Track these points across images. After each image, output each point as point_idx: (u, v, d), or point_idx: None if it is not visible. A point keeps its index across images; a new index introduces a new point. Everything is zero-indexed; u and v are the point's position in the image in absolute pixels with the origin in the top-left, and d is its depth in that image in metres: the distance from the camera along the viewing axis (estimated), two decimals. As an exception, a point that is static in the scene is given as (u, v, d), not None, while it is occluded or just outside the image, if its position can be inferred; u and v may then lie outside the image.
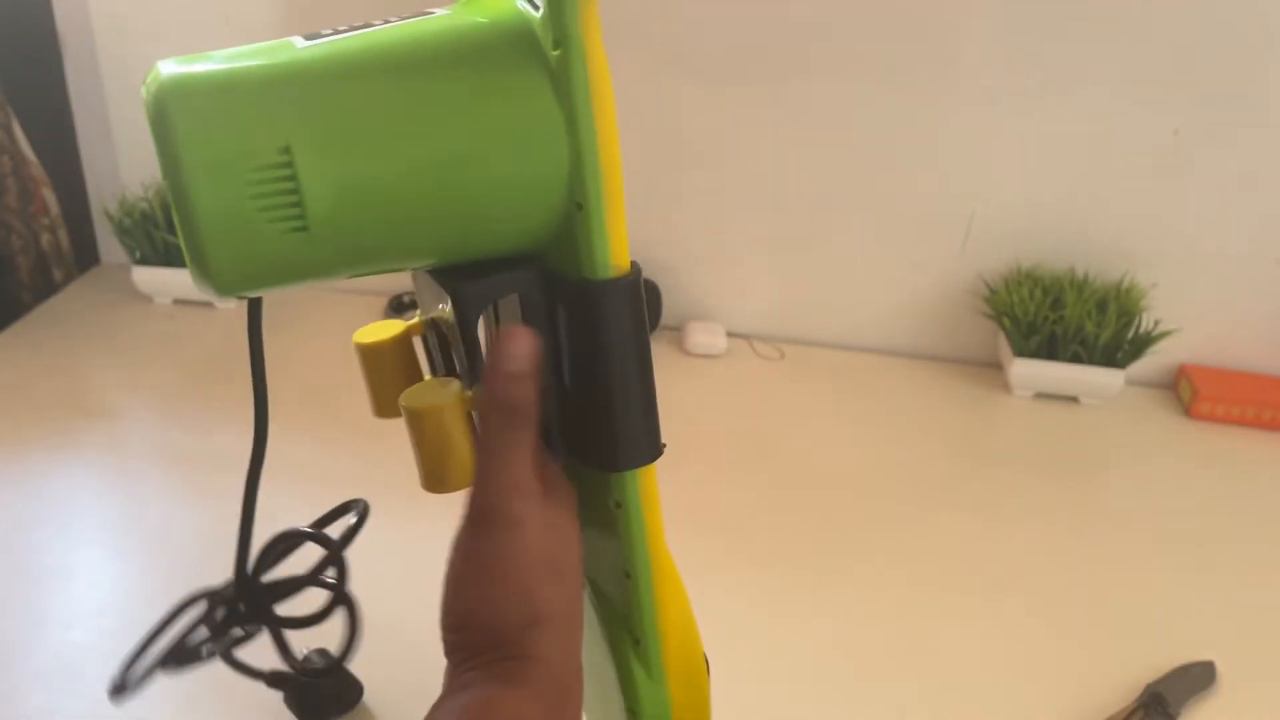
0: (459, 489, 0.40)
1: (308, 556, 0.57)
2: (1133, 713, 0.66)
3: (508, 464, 0.38)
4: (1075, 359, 1.01)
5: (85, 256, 1.20)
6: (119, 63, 1.12)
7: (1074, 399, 1.04)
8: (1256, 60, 0.93)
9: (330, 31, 0.37)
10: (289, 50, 0.36)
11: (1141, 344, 1.01)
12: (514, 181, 0.37)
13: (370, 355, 0.46)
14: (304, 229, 0.35)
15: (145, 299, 1.12)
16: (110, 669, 0.65)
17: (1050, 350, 1.02)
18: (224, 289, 0.36)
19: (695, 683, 0.46)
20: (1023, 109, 0.98)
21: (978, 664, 0.70)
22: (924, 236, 1.06)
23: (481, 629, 0.38)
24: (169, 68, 0.35)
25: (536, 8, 0.36)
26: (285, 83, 0.35)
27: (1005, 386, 1.05)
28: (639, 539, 0.42)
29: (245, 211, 0.34)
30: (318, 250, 0.36)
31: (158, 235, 1.08)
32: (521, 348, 0.38)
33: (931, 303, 1.09)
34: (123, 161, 1.17)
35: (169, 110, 0.33)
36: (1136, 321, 1.01)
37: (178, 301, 1.12)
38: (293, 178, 0.34)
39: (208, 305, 1.12)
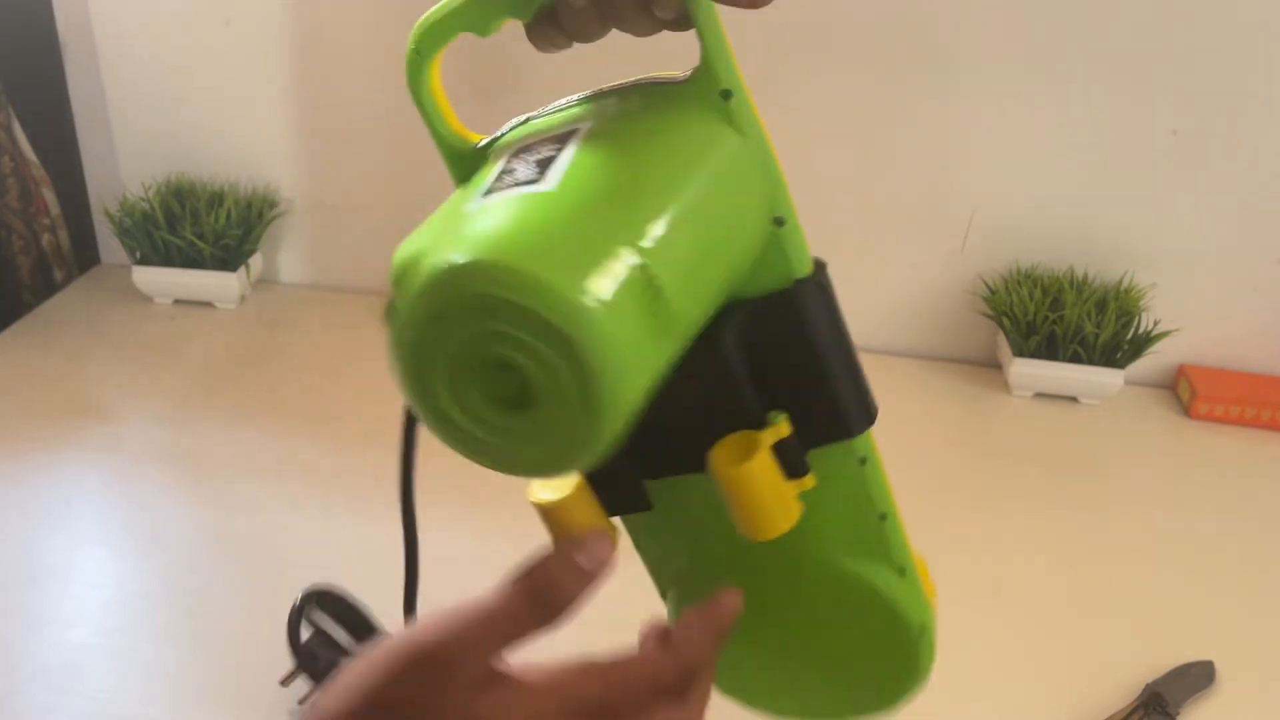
0: (781, 533, 0.41)
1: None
2: (1132, 712, 0.66)
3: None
4: (1075, 359, 1.01)
5: (85, 256, 1.20)
6: (119, 63, 1.12)
7: (1073, 399, 1.04)
8: (1255, 61, 0.93)
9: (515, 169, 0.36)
10: (543, 201, 0.34)
11: (1141, 344, 1.01)
12: (744, 217, 0.39)
13: (550, 513, 0.42)
14: (667, 328, 0.34)
15: (145, 299, 1.12)
16: (110, 668, 0.65)
17: (1050, 350, 1.02)
18: (601, 452, 0.33)
19: (933, 597, 0.51)
20: (1022, 109, 0.99)
21: (977, 664, 0.70)
22: (924, 236, 1.06)
23: None
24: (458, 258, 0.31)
25: (676, 82, 0.40)
26: (593, 218, 0.34)
27: (1005, 386, 1.06)
28: (886, 482, 0.46)
29: (640, 339, 0.33)
30: (671, 344, 0.35)
31: (158, 235, 1.08)
32: (604, 553, 0.38)
33: (931, 303, 1.09)
34: (123, 161, 1.17)
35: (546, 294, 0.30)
36: (1136, 321, 1.01)
37: (178, 301, 1.12)
38: (653, 280, 0.33)
39: (208, 305, 1.12)
